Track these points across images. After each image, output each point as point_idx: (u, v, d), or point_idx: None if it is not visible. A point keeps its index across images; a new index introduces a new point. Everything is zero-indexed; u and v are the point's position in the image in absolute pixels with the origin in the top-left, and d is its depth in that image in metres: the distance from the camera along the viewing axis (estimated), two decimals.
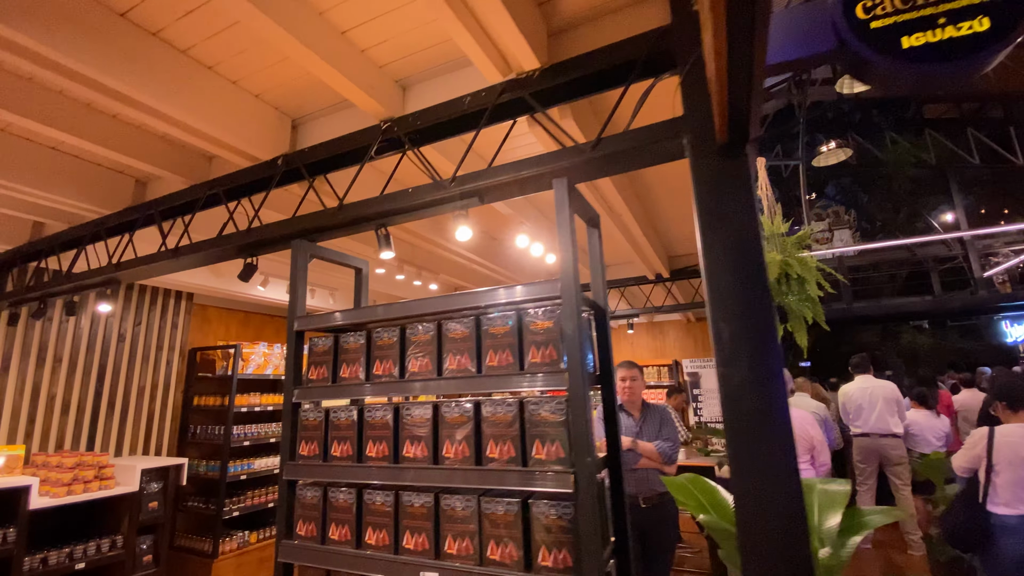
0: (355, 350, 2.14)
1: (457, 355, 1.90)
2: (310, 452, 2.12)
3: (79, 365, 5.07)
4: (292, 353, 2.25)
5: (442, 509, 1.79)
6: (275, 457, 6.07)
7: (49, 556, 4.05)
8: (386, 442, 1.96)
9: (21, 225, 4.12)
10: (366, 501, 1.95)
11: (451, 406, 1.86)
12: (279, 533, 2.09)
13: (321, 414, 2.14)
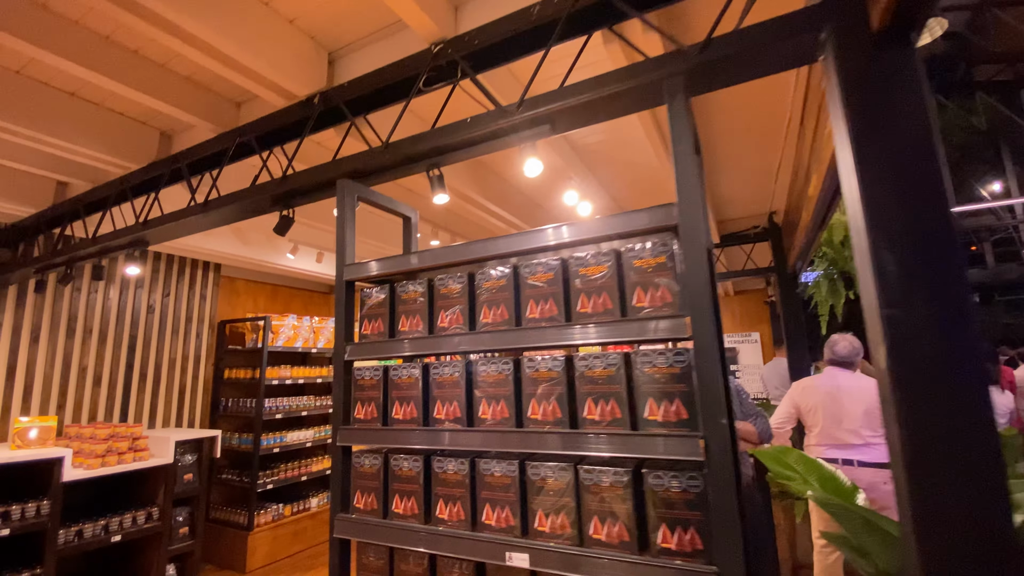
0: (415, 300, 1.85)
1: (539, 302, 1.59)
2: (367, 415, 1.85)
3: (109, 336, 4.90)
4: (342, 306, 1.97)
5: (528, 479, 1.51)
6: (307, 430, 5.91)
7: (84, 528, 3.92)
8: (457, 402, 1.67)
9: (44, 186, 3.89)
10: (435, 470, 1.68)
11: (535, 361, 1.56)
12: (334, 506, 1.84)
13: (379, 372, 1.86)
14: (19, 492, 3.85)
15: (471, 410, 1.66)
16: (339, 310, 1.97)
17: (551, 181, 4.08)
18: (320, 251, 5.14)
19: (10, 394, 4.26)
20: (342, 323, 1.96)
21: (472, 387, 1.67)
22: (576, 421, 1.49)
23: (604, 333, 1.44)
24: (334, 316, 1.98)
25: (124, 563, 4.50)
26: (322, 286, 7.40)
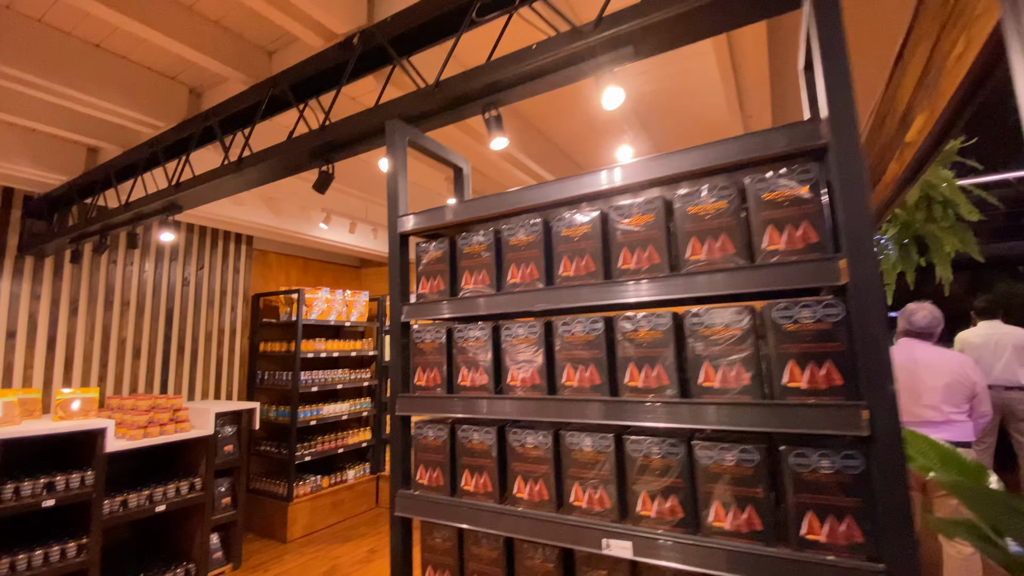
0: (479, 254, 1.60)
1: (636, 250, 1.33)
2: (429, 382, 1.62)
3: (146, 309, 4.81)
4: (396, 263, 1.73)
5: (628, 455, 1.27)
6: (342, 403, 5.81)
7: (128, 498, 3.87)
8: (534, 367, 1.43)
9: (75, 152, 3.73)
10: (511, 443, 1.45)
11: (633, 319, 1.30)
12: (394, 481, 1.63)
13: (441, 335, 1.62)
14: (63, 463, 3.80)
15: (552, 376, 1.42)
16: (393, 267, 1.74)
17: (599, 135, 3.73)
18: (353, 221, 4.92)
19: (51, 366, 4.20)
20: (397, 282, 1.72)
21: (552, 350, 1.42)
22: (687, 389, 1.23)
23: (724, 283, 1.17)
24: (388, 276, 1.74)
25: (168, 533, 4.48)
26: (353, 259, 7.23)
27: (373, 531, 5.26)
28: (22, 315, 4.06)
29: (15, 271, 4.06)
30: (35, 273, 4.16)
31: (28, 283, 4.12)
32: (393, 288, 1.72)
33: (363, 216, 5.06)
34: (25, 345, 4.06)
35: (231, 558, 4.46)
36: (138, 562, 4.16)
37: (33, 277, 4.15)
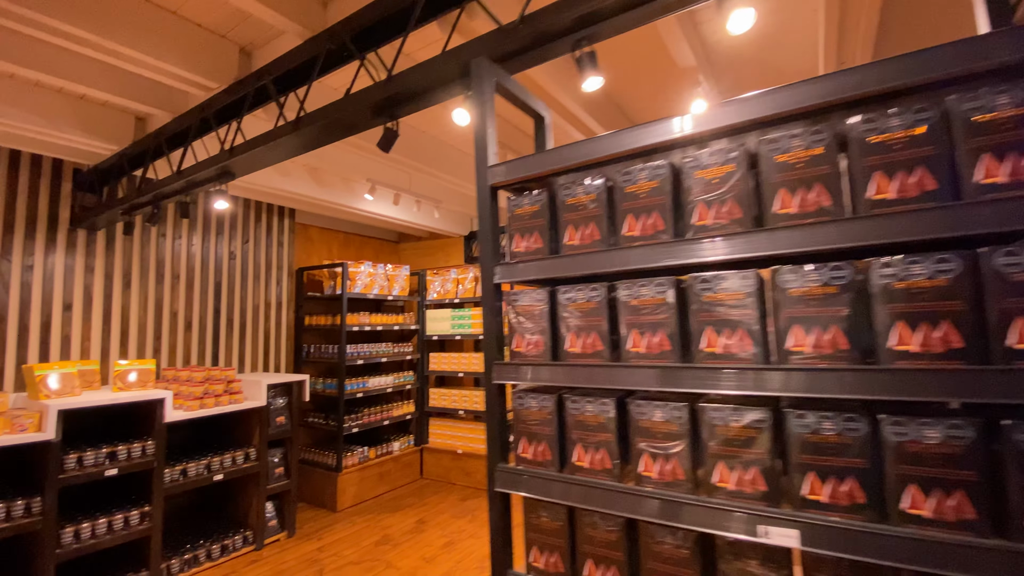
0: (587, 205, 1.39)
1: (797, 191, 1.10)
2: (530, 348, 1.44)
3: (196, 282, 4.76)
4: (487, 219, 1.54)
5: (791, 432, 1.07)
6: (387, 376, 5.75)
7: (188, 468, 3.86)
8: (663, 331, 1.23)
9: (124, 121, 3.62)
10: (633, 416, 1.27)
11: (797, 275, 1.09)
12: (491, 455, 1.47)
13: (542, 297, 1.44)
14: (122, 434, 3.80)
15: (686, 342, 1.22)
16: (484, 224, 1.54)
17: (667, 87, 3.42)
18: (397, 192, 4.75)
19: (108, 338, 4.19)
20: (488, 240, 1.53)
21: (687, 312, 1.22)
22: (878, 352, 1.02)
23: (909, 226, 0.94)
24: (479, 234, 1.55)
25: (224, 501, 4.50)
26: (391, 234, 7.09)
27: (419, 502, 5.24)
28: (77, 288, 4.04)
29: (68, 244, 4.02)
30: (88, 246, 4.12)
31: (82, 256, 4.08)
32: (484, 247, 1.53)
33: (407, 187, 4.88)
34: (81, 318, 4.04)
35: (285, 526, 4.47)
36: (197, 529, 4.19)
37: (86, 250, 4.11)
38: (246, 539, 4.18)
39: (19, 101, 3.13)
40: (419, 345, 6.18)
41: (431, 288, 6.26)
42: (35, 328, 3.80)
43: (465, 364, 5.84)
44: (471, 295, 5.90)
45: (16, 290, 3.73)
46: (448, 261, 6.93)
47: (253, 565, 3.97)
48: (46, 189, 3.92)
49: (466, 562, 3.94)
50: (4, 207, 3.70)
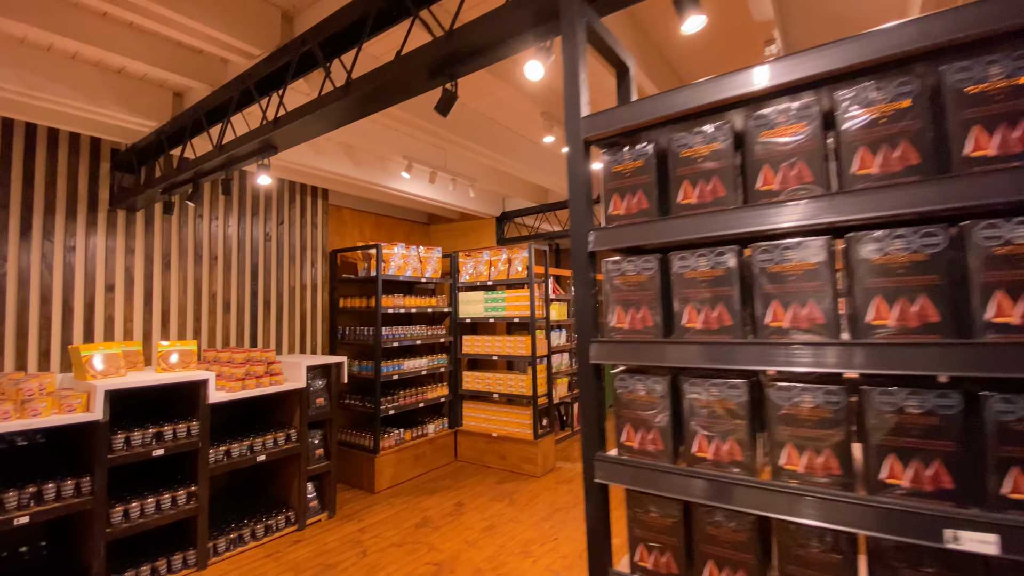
0: (704, 157, 1.18)
1: (995, 128, 0.88)
2: (635, 323, 1.26)
3: (233, 264, 4.67)
4: (580, 177, 1.34)
5: (992, 418, 0.87)
6: (421, 359, 5.63)
7: (232, 448, 3.80)
8: (813, 300, 1.03)
9: (161, 97, 3.48)
10: (774, 401, 1.07)
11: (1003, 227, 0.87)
12: (588, 442, 1.30)
13: (653, 265, 1.24)
14: (166, 415, 3.75)
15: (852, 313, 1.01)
16: (575, 184, 1.34)
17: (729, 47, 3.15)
18: (433, 170, 4.56)
19: (150, 319, 4.12)
20: (581, 202, 1.33)
21: (854, 278, 1.01)
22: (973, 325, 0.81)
23: None
24: (568, 193, 1.35)
25: (265, 482, 4.45)
26: (422, 215, 6.93)
27: (455, 484, 5.14)
28: (119, 269, 3.96)
29: (109, 225, 3.94)
30: (128, 227, 4.04)
31: (122, 237, 4.00)
32: (576, 210, 1.34)
33: (442, 164, 4.69)
34: (123, 298, 3.98)
35: (326, 507, 4.41)
36: (239, 509, 4.15)
37: (126, 231, 4.03)
38: (288, 519, 4.13)
39: (57, 75, 3.01)
40: (451, 328, 6.05)
41: (463, 270, 6.10)
42: (79, 309, 3.74)
43: (499, 347, 5.69)
44: (504, 277, 5.72)
45: (59, 271, 3.66)
46: (479, 243, 6.75)
47: (296, 545, 3.91)
48: (85, 169, 3.83)
49: (509, 546, 3.83)
50: (45, 187, 3.62)
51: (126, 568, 3.22)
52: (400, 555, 3.71)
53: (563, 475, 5.37)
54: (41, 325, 3.55)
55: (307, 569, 3.54)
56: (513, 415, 5.54)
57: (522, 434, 5.42)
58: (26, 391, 2.82)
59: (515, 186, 5.85)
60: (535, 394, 5.36)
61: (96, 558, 3.02)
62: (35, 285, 3.54)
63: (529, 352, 5.44)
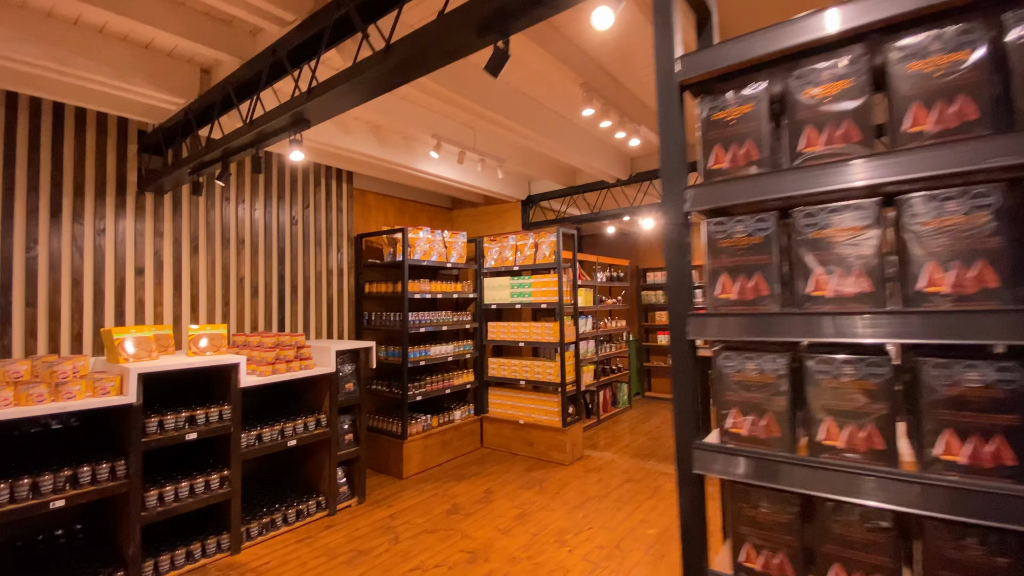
0: (838, 98, 1.00)
1: None
2: (745, 293, 1.08)
3: (260, 248, 4.57)
4: (674, 123, 1.16)
5: None
6: (447, 345, 5.50)
7: (263, 433, 3.72)
8: (988, 261, 0.85)
9: (189, 73, 3.35)
10: (928, 381, 0.90)
11: None
12: (682, 427, 1.13)
13: (768, 225, 1.06)
14: (195, 399, 3.67)
15: None
16: (668, 132, 1.16)
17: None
18: (462, 150, 4.39)
19: (179, 303, 4.04)
20: (674, 153, 1.16)
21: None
22: None
23: None
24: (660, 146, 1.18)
25: (295, 467, 4.39)
26: (445, 200, 6.78)
27: (483, 471, 5.04)
28: (148, 252, 3.88)
29: (137, 208, 3.85)
30: (156, 210, 3.95)
31: (151, 220, 3.91)
32: (668, 165, 1.16)
33: (471, 144, 4.52)
34: (153, 282, 3.90)
35: (356, 492, 4.33)
36: (270, 494, 4.09)
37: (155, 214, 3.94)
38: (319, 504, 4.06)
39: (85, 50, 2.89)
40: (477, 314, 5.91)
41: (488, 255, 5.94)
42: (110, 292, 3.66)
43: (525, 333, 5.54)
44: (530, 262, 5.55)
45: (90, 254, 3.59)
46: (504, 228, 6.59)
47: (328, 531, 3.84)
48: (113, 150, 3.74)
49: (543, 535, 3.70)
50: (74, 169, 3.53)
51: (161, 552, 3.16)
52: (432, 542, 3.61)
53: (592, 463, 5.23)
54: (73, 308, 3.48)
55: (340, 555, 3.46)
56: (540, 402, 5.41)
57: (550, 421, 5.29)
58: (60, 374, 2.74)
59: (543, 167, 5.65)
60: (563, 381, 5.21)
61: (132, 542, 2.96)
62: (66, 268, 3.47)
63: (556, 338, 5.28)
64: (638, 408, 7.76)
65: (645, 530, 3.75)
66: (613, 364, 7.55)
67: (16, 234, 3.27)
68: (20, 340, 3.25)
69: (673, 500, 4.25)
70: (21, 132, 3.30)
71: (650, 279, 8.42)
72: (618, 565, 3.28)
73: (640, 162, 5.62)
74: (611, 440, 6.10)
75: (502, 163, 4.84)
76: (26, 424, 3.12)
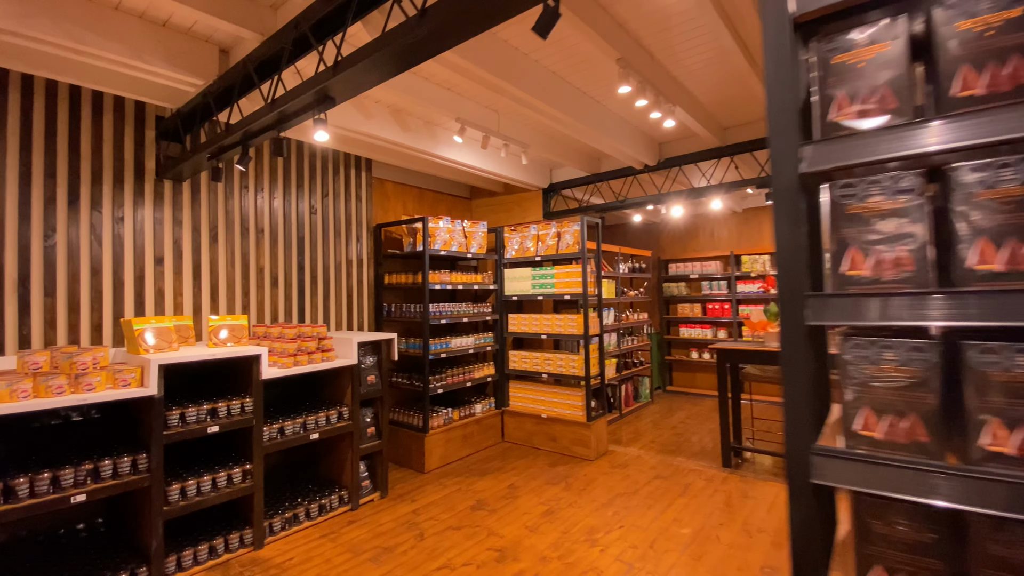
0: (1003, 30, 0.81)
1: None
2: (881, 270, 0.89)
3: (279, 237, 4.44)
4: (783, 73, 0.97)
5: None
6: (467, 337, 5.35)
7: (285, 426, 3.59)
8: None
9: (207, 53, 3.20)
10: None
11: None
12: (796, 428, 0.95)
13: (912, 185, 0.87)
14: (216, 391, 3.56)
15: None
16: (775, 85, 0.97)
17: None
18: (486, 134, 4.20)
19: (199, 293, 3.92)
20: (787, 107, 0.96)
21: None
22: None
23: None
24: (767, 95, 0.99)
25: (317, 461, 4.27)
26: (464, 189, 6.60)
27: (506, 466, 4.89)
28: (167, 241, 3.76)
29: (156, 195, 3.72)
30: (174, 198, 3.82)
31: (169, 208, 3.79)
32: (778, 117, 0.97)
33: (495, 127, 4.33)
34: (172, 271, 3.78)
35: (378, 486, 4.21)
36: (292, 488, 3.98)
37: (173, 202, 3.81)
38: (342, 499, 3.94)
39: (100, 28, 2.75)
40: (497, 305, 5.74)
41: (509, 245, 5.76)
42: (129, 282, 3.55)
43: (547, 326, 5.36)
44: (553, 252, 5.36)
45: (109, 243, 3.47)
46: (524, 217, 6.40)
47: (351, 526, 3.71)
48: (131, 136, 3.61)
49: (572, 533, 3.55)
50: (91, 155, 3.41)
51: (184, 547, 3.05)
52: (459, 539, 3.47)
53: (617, 459, 5.06)
54: (92, 298, 3.38)
55: (365, 551, 3.33)
56: (563, 396, 5.24)
57: (573, 416, 5.12)
58: (80, 365, 2.63)
59: (567, 153, 5.44)
60: (588, 374, 5.04)
61: (155, 536, 2.85)
62: (85, 257, 3.35)
63: (580, 331, 5.10)
64: (660, 403, 7.56)
65: (679, 529, 3.57)
66: (635, 357, 7.36)
67: (34, 222, 3.16)
68: (39, 330, 3.14)
69: (705, 498, 4.07)
70: (37, 117, 3.18)
71: (672, 270, 8.18)
72: (654, 566, 3.11)
73: (669, 147, 5.39)
74: (635, 435, 5.92)
75: (526, 148, 4.64)
76: (46, 416, 3.02)
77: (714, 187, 5.12)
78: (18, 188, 3.10)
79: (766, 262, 7.29)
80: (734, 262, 7.55)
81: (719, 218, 7.86)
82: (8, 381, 2.40)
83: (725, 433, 4.70)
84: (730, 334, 7.63)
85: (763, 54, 0.99)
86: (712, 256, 7.80)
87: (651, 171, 5.40)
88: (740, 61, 3.21)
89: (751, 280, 7.42)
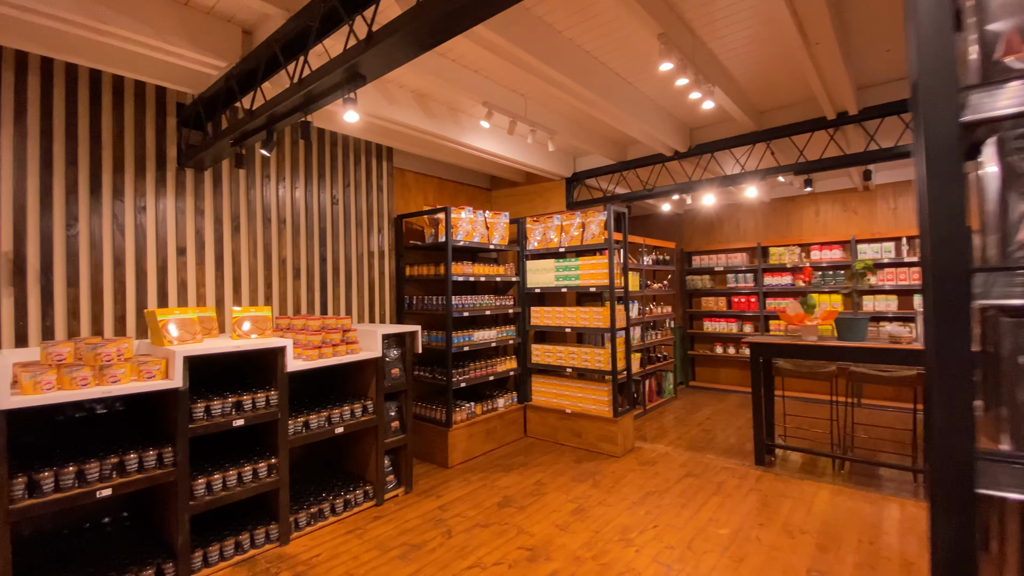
0: None
1: None
2: None
3: (301, 228, 4.32)
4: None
5: None
6: (490, 330, 5.21)
7: (310, 420, 3.49)
8: None
9: (230, 34, 3.07)
10: None
11: None
12: (952, 429, 0.79)
13: None
14: (240, 384, 3.46)
15: None
16: (927, 9, 0.81)
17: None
18: (513, 120, 4.03)
19: (222, 284, 3.83)
20: (944, 40, 0.80)
21: None
22: None
23: None
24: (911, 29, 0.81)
25: (340, 455, 4.17)
26: (484, 179, 6.44)
27: (530, 462, 4.76)
28: (189, 231, 3.66)
29: (177, 184, 3.62)
30: (196, 187, 3.72)
31: (191, 198, 3.68)
32: (929, 52, 0.80)
33: (522, 113, 4.16)
34: (195, 262, 3.68)
35: (402, 482, 4.10)
36: (317, 483, 3.88)
37: (195, 192, 3.71)
38: (367, 494, 3.83)
39: (122, 6, 2.63)
40: (519, 298, 5.59)
41: (531, 237, 5.60)
42: (152, 273, 3.46)
43: (572, 319, 5.20)
44: (577, 243, 5.19)
45: (131, 232, 3.38)
46: (546, 208, 6.23)
47: (377, 521, 3.61)
48: (152, 124, 3.50)
49: (604, 532, 3.40)
50: (112, 143, 3.31)
51: (210, 542, 2.97)
52: (488, 537, 3.35)
53: (644, 456, 4.90)
54: (115, 289, 3.29)
55: (393, 548, 3.22)
56: (588, 391, 5.08)
57: (599, 411, 4.96)
58: (104, 356, 2.53)
59: (594, 139, 5.25)
60: (615, 369, 4.87)
61: (181, 531, 2.76)
62: (107, 247, 3.26)
63: (606, 324, 4.93)
64: (683, 398, 7.37)
65: (716, 530, 3.41)
66: (658, 352, 7.17)
67: (56, 211, 3.07)
68: (63, 321, 3.06)
69: (740, 497, 3.90)
70: (58, 103, 3.08)
71: (696, 263, 7.95)
72: (694, 568, 2.95)
73: (700, 133, 5.16)
74: (660, 431, 5.75)
75: (553, 134, 4.46)
76: (70, 409, 2.94)
77: (748, 174, 4.90)
78: (39, 176, 3.01)
79: (799, 253, 7.04)
80: (761, 254, 7.31)
81: (745, 209, 7.61)
82: (32, 372, 2.31)
83: (759, 430, 4.51)
84: (756, 328, 7.40)
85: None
86: (738, 248, 7.56)
87: (681, 158, 5.19)
88: (789, 32, 2.96)
89: (779, 272, 7.18)
